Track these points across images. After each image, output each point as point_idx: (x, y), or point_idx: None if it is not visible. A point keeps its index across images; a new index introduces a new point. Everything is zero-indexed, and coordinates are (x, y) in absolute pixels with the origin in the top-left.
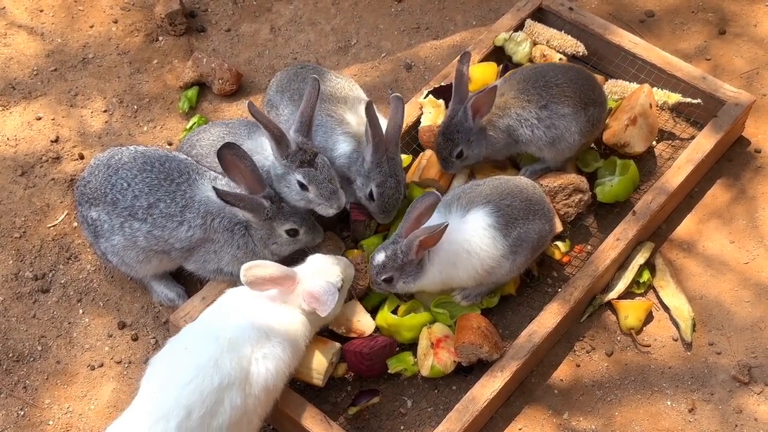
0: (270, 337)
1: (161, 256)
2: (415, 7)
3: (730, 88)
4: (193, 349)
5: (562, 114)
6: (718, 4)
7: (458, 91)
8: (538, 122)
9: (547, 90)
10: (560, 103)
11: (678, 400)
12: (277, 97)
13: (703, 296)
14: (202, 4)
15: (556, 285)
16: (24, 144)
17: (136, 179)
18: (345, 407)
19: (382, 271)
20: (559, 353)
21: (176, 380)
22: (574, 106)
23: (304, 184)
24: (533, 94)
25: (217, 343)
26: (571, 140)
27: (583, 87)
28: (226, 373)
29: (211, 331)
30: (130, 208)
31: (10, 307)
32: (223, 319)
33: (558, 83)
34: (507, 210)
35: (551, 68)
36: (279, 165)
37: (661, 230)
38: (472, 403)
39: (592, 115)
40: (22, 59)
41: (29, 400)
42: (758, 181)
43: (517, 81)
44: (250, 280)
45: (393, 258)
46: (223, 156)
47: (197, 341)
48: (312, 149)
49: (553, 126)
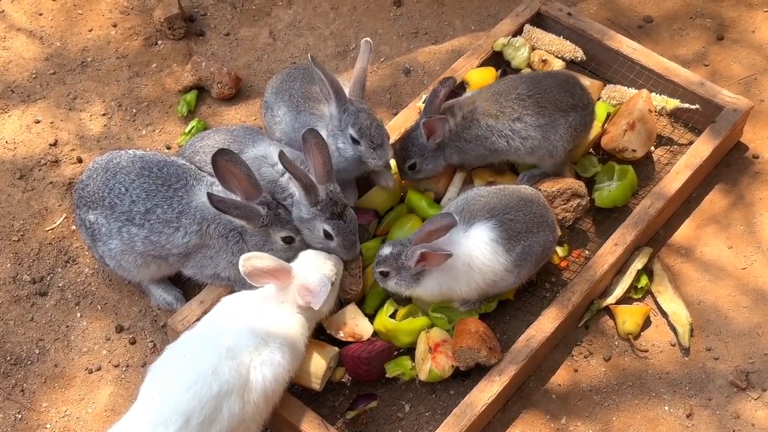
0: (268, 342)
1: (159, 261)
2: (414, 11)
3: (728, 94)
4: (191, 357)
5: (537, 125)
6: (716, 10)
7: (429, 108)
8: (513, 134)
9: (519, 103)
10: (535, 114)
11: (676, 405)
12: (272, 99)
13: (700, 302)
14: (201, 9)
15: (554, 290)
16: (23, 147)
17: (133, 184)
18: (343, 411)
19: (382, 264)
20: (557, 358)
21: (175, 387)
22: (551, 116)
23: (330, 234)
24: (506, 106)
25: (215, 351)
26: (552, 147)
27: (559, 95)
28: (224, 380)
29: (209, 339)
30: (128, 213)
31: (8, 310)
32: (220, 326)
33: (530, 95)
34: (510, 224)
35: (524, 80)
36: (306, 211)
37: (659, 235)
38: (470, 407)
39: (573, 120)
40: (21, 62)
41: (27, 403)
42: (756, 187)
43: (491, 93)
44: (248, 271)
45: (396, 257)
46: (217, 162)
47: (196, 348)
48: (342, 200)
49: (530, 137)
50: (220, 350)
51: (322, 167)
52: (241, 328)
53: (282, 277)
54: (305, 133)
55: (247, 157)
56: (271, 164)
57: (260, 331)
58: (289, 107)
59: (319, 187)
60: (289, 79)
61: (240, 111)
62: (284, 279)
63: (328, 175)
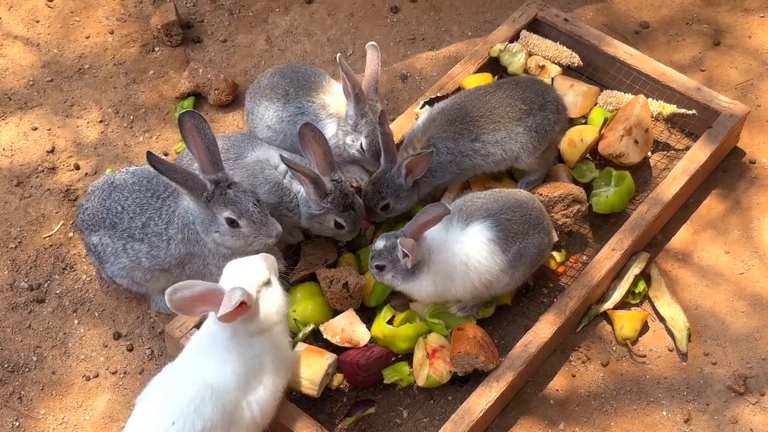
0: (250, 381)
1: (166, 274)
2: (410, 18)
3: (724, 99)
4: (174, 392)
5: (495, 141)
6: (712, 16)
7: (389, 150)
8: (474, 153)
9: (473, 124)
10: (490, 132)
11: (674, 410)
12: (251, 103)
13: (698, 306)
14: (198, 15)
15: (552, 295)
16: (20, 154)
17: (128, 201)
18: (341, 418)
19: (377, 257)
20: (554, 363)
21: (159, 423)
22: (506, 128)
23: (342, 225)
24: (462, 129)
25: (195, 388)
26: (517, 155)
27: (510, 106)
28: (208, 417)
29: (190, 374)
30: (129, 230)
31: (6, 317)
32: (201, 361)
33: (482, 114)
34: (507, 224)
35: (472, 99)
36: (316, 207)
37: (656, 241)
38: (468, 413)
39: (533, 124)
40: (18, 70)
41: (24, 410)
42: (753, 192)
43: (444, 121)
44: (177, 305)
45: (389, 250)
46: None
47: (177, 384)
48: (349, 189)
49: (490, 153)
50: (202, 389)
51: (323, 158)
52: (222, 365)
53: (216, 300)
54: (301, 128)
55: (247, 161)
56: (273, 166)
57: (241, 370)
58: (271, 100)
59: (324, 179)
60: (267, 76)
61: (237, 117)
62: (220, 301)
63: (330, 165)
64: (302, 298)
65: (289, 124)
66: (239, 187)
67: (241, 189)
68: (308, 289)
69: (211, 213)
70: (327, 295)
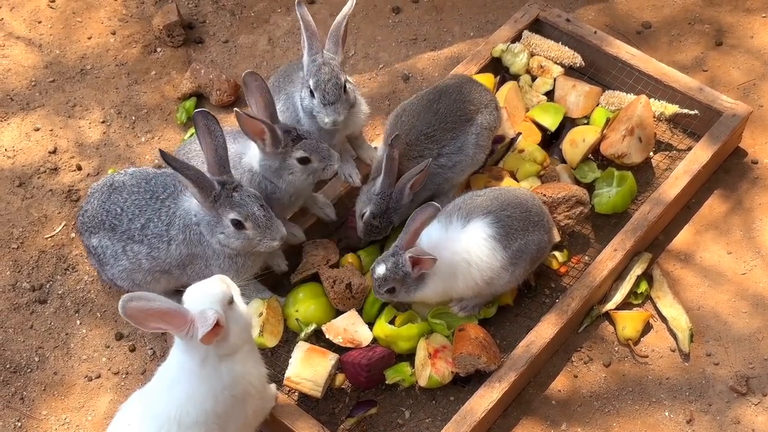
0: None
1: (167, 276)
2: (412, 18)
3: (727, 100)
4: (137, 426)
5: (456, 149)
6: (714, 16)
7: (389, 173)
8: (440, 168)
9: (431, 141)
10: (449, 142)
11: (676, 411)
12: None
13: (700, 307)
14: (200, 16)
15: (554, 295)
16: (22, 155)
17: (126, 202)
18: (343, 418)
19: (384, 284)
20: (556, 364)
21: None
22: (462, 132)
23: (307, 158)
24: (424, 148)
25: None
26: (474, 158)
27: (459, 111)
28: None
29: (155, 407)
30: (128, 231)
31: (8, 317)
32: (166, 392)
33: (436, 129)
34: (507, 221)
35: (421, 117)
36: (274, 158)
37: (658, 241)
38: (470, 414)
39: (483, 121)
40: (20, 70)
41: (26, 411)
42: (755, 192)
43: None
44: (130, 313)
45: (394, 270)
46: None
47: (143, 419)
48: (292, 126)
49: (458, 162)
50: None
51: (264, 109)
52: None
53: (176, 322)
54: (245, 75)
55: None
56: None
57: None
58: (284, 95)
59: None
60: None
61: None
62: (179, 324)
63: (272, 117)
64: (305, 299)
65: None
66: (245, 191)
67: (247, 192)
68: (311, 289)
69: (217, 214)
70: (330, 296)
